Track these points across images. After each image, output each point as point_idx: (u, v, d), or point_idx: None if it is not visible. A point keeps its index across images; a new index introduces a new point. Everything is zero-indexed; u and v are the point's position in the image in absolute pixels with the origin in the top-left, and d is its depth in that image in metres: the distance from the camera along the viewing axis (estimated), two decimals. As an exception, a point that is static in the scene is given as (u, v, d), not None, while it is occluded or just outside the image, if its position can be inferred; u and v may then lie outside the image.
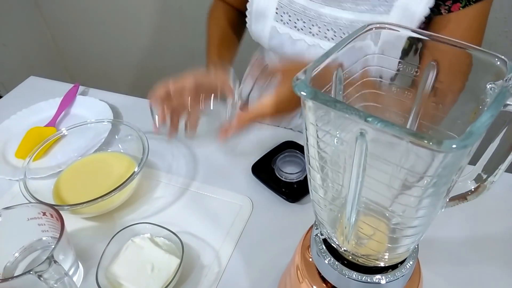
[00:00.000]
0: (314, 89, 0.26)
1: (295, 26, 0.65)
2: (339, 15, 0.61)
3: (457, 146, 0.22)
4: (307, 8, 0.63)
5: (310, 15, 0.63)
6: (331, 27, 0.63)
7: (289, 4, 0.65)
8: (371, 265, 0.36)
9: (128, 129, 0.69)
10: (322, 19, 0.63)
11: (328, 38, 0.64)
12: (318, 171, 0.32)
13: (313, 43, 0.65)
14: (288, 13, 0.65)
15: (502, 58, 0.28)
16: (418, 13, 0.57)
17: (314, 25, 0.64)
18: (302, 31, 0.65)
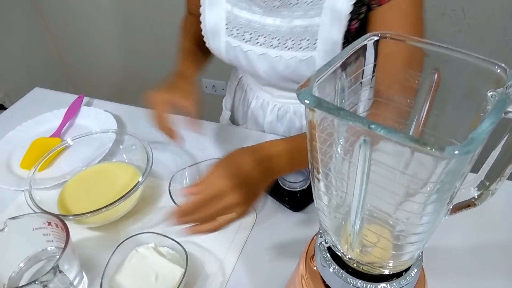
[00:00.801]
0: (318, 97, 0.26)
1: (243, 38, 0.69)
2: (279, 23, 0.64)
3: (459, 152, 0.22)
4: (251, 21, 0.67)
5: (255, 26, 0.67)
6: (275, 36, 0.66)
7: (234, 19, 0.68)
8: (375, 273, 0.36)
9: (132, 139, 0.70)
10: (266, 29, 0.66)
11: (273, 46, 0.67)
12: (323, 178, 0.32)
13: (262, 52, 0.68)
14: (236, 27, 0.68)
15: (502, 66, 0.28)
16: (343, 11, 0.59)
17: (260, 35, 0.67)
18: (250, 42, 0.68)
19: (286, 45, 0.66)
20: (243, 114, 0.90)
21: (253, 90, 0.84)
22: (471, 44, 1.31)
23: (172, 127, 0.64)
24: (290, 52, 0.66)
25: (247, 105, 0.87)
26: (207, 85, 1.84)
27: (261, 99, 0.82)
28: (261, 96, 0.82)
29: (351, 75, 0.33)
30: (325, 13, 0.60)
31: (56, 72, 2.13)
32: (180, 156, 0.76)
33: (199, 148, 0.77)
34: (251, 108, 0.85)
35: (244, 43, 0.69)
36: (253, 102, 0.85)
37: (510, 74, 0.28)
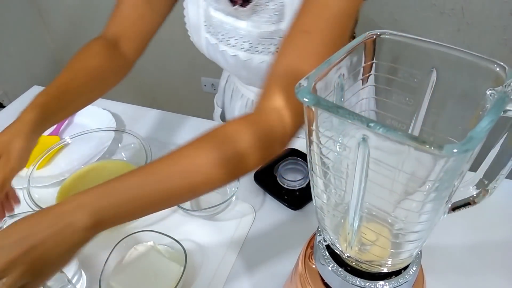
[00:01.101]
0: (317, 96, 0.26)
1: (217, 37, 0.68)
2: (251, 28, 0.63)
3: (458, 150, 0.22)
4: (224, 22, 0.66)
5: (227, 28, 0.66)
6: (247, 39, 0.65)
7: (209, 18, 0.67)
8: (374, 271, 0.36)
9: (131, 137, 0.70)
10: (238, 32, 0.65)
11: (245, 49, 0.66)
12: (321, 177, 0.32)
13: (234, 54, 0.68)
14: (212, 25, 0.68)
15: (501, 65, 0.28)
16: (295, 4, 0.56)
17: (231, 37, 0.66)
18: (223, 42, 0.68)
19: (257, 49, 0.65)
20: (231, 112, 0.90)
21: (239, 89, 0.84)
22: (470, 43, 1.31)
23: None
24: (260, 56, 0.65)
25: (234, 103, 0.87)
26: (206, 84, 1.84)
27: (246, 97, 0.82)
28: (246, 95, 0.82)
29: (349, 73, 0.33)
30: (287, 18, 0.60)
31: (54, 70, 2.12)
32: (179, 154, 0.76)
33: (198, 147, 0.77)
34: (238, 106, 0.85)
35: (219, 42, 0.68)
36: (239, 101, 0.85)
37: (509, 72, 0.28)
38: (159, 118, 0.86)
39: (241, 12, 0.62)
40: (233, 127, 0.45)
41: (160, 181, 0.43)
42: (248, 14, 0.62)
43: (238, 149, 0.43)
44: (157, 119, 0.86)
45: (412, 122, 0.35)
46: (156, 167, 0.43)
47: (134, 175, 0.42)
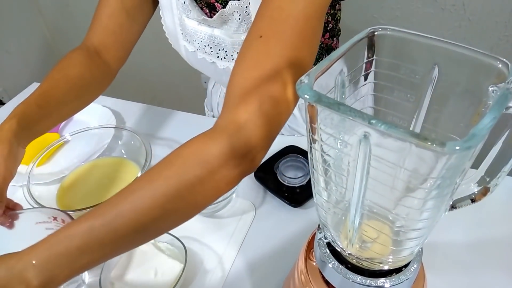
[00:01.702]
0: (318, 92, 0.26)
1: (194, 45, 0.67)
2: (224, 36, 0.62)
3: (460, 147, 0.22)
4: (198, 31, 0.65)
5: (201, 36, 0.65)
6: (222, 47, 0.64)
7: (184, 27, 0.66)
8: (375, 268, 0.36)
9: (131, 134, 0.69)
10: (212, 40, 0.64)
11: (220, 58, 0.65)
12: (322, 174, 0.32)
13: (211, 61, 0.67)
14: (188, 33, 0.67)
15: (504, 61, 0.28)
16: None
17: (206, 45, 0.65)
18: (200, 50, 0.67)
19: (233, 57, 0.64)
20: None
21: (222, 96, 0.84)
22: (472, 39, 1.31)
23: None
24: None
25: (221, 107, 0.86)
26: (206, 80, 1.84)
27: None
28: None
29: (351, 70, 0.33)
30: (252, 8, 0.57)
31: (54, 67, 2.12)
32: (179, 151, 0.75)
33: (198, 144, 0.76)
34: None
35: (197, 50, 0.68)
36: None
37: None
38: (159, 115, 0.86)
39: (211, 22, 0.61)
40: (189, 149, 0.41)
41: (107, 223, 0.38)
42: (218, 24, 0.61)
43: (196, 173, 0.39)
44: (157, 116, 0.86)
45: (414, 119, 0.35)
46: (105, 208, 0.39)
47: (81, 221, 0.38)
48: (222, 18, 0.59)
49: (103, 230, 0.38)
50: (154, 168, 0.41)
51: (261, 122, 0.40)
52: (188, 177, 0.39)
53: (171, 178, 0.39)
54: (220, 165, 0.39)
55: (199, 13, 0.62)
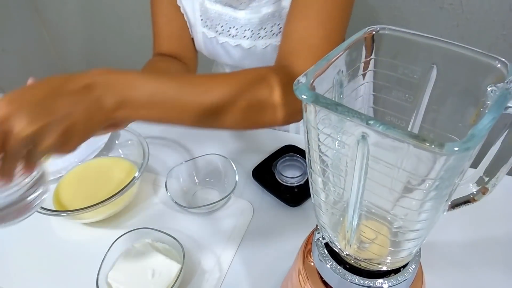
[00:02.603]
0: (315, 93, 0.26)
1: (216, 30, 0.68)
2: (250, 16, 0.64)
3: (459, 148, 0.22)
4: (222, 13, 0.66)
5: (226, 19, 0.66)
6: (248, 27, 0.66)
7: (206, 12, 0.67)
8: (373, 269, 0.36)
9: (128, 134, 0.69)
10: (237, 21, 0.66)
11: (247, 37, 0.67)
12: (320, 174, 0.32)
13: (236, 44, 0.68)
14: (209, 18, 0.68)
15: (502, 61, 0.28)
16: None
17: (232, 27, 0.67)
18: (223, 34, 0.68)
19: (259, 34, 0.65)
20: None
21: None
22: (469, 38, 1.31)
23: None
24: (263, 40, 0.66)
25: None
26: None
27: None
28: None
29: (349, 69, 0.33)
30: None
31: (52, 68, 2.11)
32: (177, 151, 0.75)
33: (196, 143, 0.76)
34: None
35: (218, 35, 0.69)
36: None
37: (511, 68, 0.27)
38: (157, 114, 0.86)
39: (240, 1, 0.62)
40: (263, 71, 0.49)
41: (196, 93, 0.45)
42: (247, 2, 0.63)
43: (264, 94, 0.47)
44: (154, 115, 0.85)
45: (412, 119, 0.34)
46: (194, 80, 0.47)
47: (171, 78, 0.46)
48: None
49: (190, 95, 0.45)
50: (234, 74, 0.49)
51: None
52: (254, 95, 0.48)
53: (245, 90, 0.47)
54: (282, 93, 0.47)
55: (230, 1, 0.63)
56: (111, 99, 0.41)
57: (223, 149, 0.74)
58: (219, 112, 0.47)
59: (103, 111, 0.41)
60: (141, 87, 0.43)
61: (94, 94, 0.40)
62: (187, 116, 0.47)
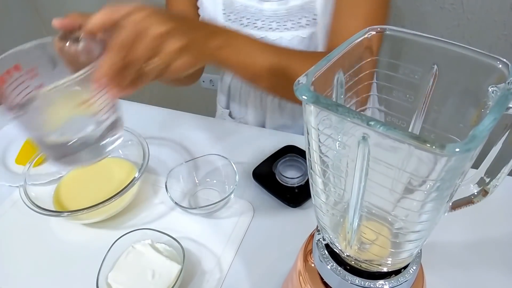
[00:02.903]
0: (316, 93, 0.26)
1: (241, 23, 0.68)
2: (276, 7, 0.64)
3: (460, 149, 0.22)
4: (248, 6, 0.66)
5: (252, 11, 0.66)
6: (273, 19, 0.66)
7: (230, 5, 0.67)
8: (374, 270, 0.36)
9: (128, 134, 0.69)
10: (263, 13, 0.66)
11: (273, 29, 0.67)
12: (320, 175, 0.32)
13: (262, 36, 0.68)
14: (233, 12, 0.68)
15: (504, 61, 0.28)
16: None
17: (257, 19, 0.67)
18: (249, 26, 0.68)
19: (286, 26, 0.66)
20: (243, 110, 0.88)
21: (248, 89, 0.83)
22: (470, 38, 1.31)
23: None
24: (290, 32, 0.66)
25: (246, 100, 0.86)
26: (204, 80, 1.83)
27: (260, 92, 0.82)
28: None
29: (349, 69, 0.33)
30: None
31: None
32: (177, 151, 0.75)
33: (196, 144, 0.76)
34: (252, 103, 0.84)
35: (242, 28, 0.68)
36: (251, 96, 0.84)
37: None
38: (157, 115, 0.86)
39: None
40: None
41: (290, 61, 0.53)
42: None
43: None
44: (155, 116, 0.85)
45: (413, 120, 0.34)
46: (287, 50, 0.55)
47: (272, 45, 0.54)
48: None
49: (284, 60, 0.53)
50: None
51: None
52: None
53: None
54: None
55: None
56: (220, 38, 0.48)
57: (223, 149, 0.74)
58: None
59: (212, 45, 0.48)
60: (246, 43, 0.52)
61: (211, 29, 0.49)
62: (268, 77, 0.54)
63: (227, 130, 0.80)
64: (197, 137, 0.78)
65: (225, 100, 0.93)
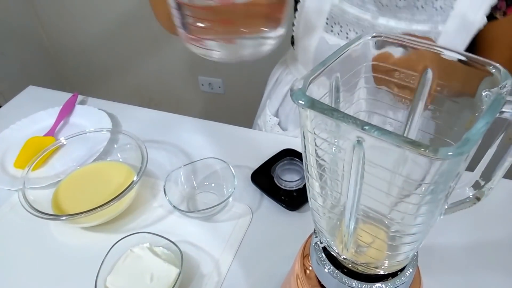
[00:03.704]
0: (312, 98, 0.26)
1: (346, 37, 0.63)
2: (394, 25, 0.59)
3: (453, 153, 0.22)
4: (361, 19, 0.61)
5: (364, 25, 0.61)
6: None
7: (341, 15, 0.62)
8: (371, 273, 0.36)
9: (126, 138, 0.69)
10: (376, 29, 0.61)
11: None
12: (317, 179, 0.32)
13: None
14: (340, 23, 0.63)
15: (496, 66, 0.28)
16: (476, 23, 0.57)
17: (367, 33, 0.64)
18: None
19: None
20: (294, 120, 0.84)
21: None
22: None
23: None
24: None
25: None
26: (203, 83, 1.84)
27: None
28: None
29: (345, 74, 0.33)
30: (452, 21, 0.57)
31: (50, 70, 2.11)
32: (176, 155, 0.75)
33: (195, 147, 0.76)
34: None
35: (345, 40, 0.63)
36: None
37: (504, 74, 0.28)
38: (156, 118, 0.86)
39: (392, 5, 0.58)
40: None
41: None
42: (399, 10, 0.58)
43: None
44: (153, 119, 0.86)
45: (408, 123, 0.35)
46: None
47: None
48: (415, 3, 0.57)
49: None
50: None
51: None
52: None
53: None
54: None
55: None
56: None
57: (221, 153, 0.74)
58: None
59: None
60: None
61: None
62: None
63: (226, 134, 0.81)
64: (196, 141, 0.78)
65: (277, 106, 0.88)
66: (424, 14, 0.58)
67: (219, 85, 1.82)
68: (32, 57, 1.99)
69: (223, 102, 1.90)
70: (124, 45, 1.87)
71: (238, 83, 1.79)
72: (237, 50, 0.41)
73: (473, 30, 0.58)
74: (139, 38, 1.79)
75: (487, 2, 0.56)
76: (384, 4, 0.59)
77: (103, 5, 1.72)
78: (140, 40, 1.80)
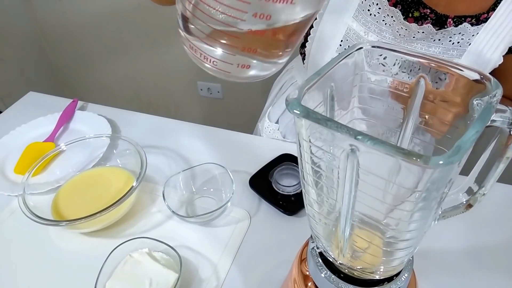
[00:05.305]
0: (307, 108, 0.27)
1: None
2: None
3: (444, 162, 0.23)
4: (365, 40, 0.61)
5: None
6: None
7: (355, 39, 0.62)
8: (366, 278, 0.36)
9: (126, 143, 0.70)
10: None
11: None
12: (313, 186, 0.33)
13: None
14: (348, 40, 0.63)
15: (487, 75, 0.29)
16: (492, 62, 0.57)
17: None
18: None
19: None
20: (291, 129, 0.84)
21: None
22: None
23: None
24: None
25: None
26: (202, 88, 1.85)
27: None
28: None
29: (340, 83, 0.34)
30: (467, 56, 0.57)
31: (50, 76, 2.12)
32: (175, 160, 0.76)
33: (193, 153, 0.77)
34: None
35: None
36: None
37: (494, 83, 0.28)
38: (155, 123, 0.87)
39: (409, 36, 0.57)
40: None
41: None
42: (416, 41, 0.58)
43: None
44: (153, 124, 0.86)
45: (402, 131, 0.35)
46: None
47: None
48: (433, 37, 0.57)
49: None
50: None
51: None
52: None
53: None
54: None
55: (398, 27, 0.58)
56: None
57: (220, 158, 0.75)
58: None
59: None
60: None
61: None
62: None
63: (224, 139, 0.81)
64: (195, 146, 0.79)
65: (278, 114, 0.88)
66: (440, 47, 0.58)
67: (218, 90, 1.83)
68: (32, 63, 2.00)
69: (222, 107, 1.91)
70: (123, 51, 1.88)
71: (236, 88, 1.80)
72: (240, 72, 0.37)
73: (488, 67, 0.58)
74: (138, 44, 1.80)
75: (506, 42, 0.56)
76: (402, 34, 0.59)
77: (103, 12, 1.73)
78: (139, 46, 1.81)
